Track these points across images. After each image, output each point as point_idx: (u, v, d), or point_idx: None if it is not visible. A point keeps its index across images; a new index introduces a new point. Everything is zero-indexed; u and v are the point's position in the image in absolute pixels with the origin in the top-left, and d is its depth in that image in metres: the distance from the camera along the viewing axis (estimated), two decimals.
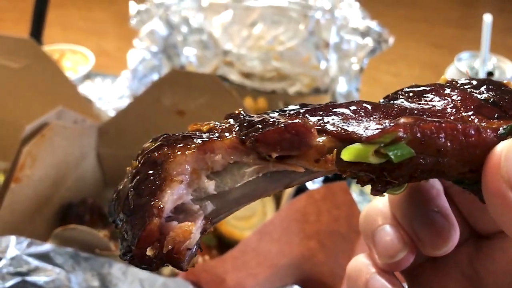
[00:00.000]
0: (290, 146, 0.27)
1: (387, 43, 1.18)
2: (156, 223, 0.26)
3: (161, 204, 0.26)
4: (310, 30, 1.21)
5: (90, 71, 1.31)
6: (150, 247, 0.26)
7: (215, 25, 1.25)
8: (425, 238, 0.33)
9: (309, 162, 0.27)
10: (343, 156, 0.27)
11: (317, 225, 0.65)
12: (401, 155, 0.27)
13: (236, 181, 0.28)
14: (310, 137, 0.27)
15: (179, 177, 0.27)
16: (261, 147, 0.27)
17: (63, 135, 0.83)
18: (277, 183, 0.28)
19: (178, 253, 0.26)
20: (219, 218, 0.29)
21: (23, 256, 0.61)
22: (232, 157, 0.28)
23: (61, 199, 0.88)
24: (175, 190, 0.26)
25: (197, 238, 0.27)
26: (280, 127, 0.27)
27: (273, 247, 0.63)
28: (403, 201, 0.34)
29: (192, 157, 0.27)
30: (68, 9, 3.80)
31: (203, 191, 0.27)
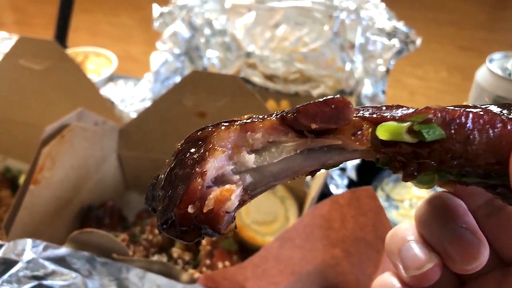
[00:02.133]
0: (329, 118, 0.29)
1: (414, 44, 1.14)
2: (199, 183, 0.28)
3: (204, 169, 0.28)
4: (335, 31, 1.18)
5: (113, 73, 1.31)
6: (191, 205, 0.27)
7: (238, 27, 1.23)
8: (455, 254, 0.33)
9: (346, 136, 0.29)
10: (378, 132, 0.29)
11: (342, 232, 0.62)
12: (433, 134, 0.28)
13: (274, 157, 0.29)
14: (348, 111, 0.29)
15: (222, 148, 0.29)
16: (301, 118, 0.29)
17: (83, 136, 0.82)
18: (313, 161, 0.30)
19: (217, 214, 0.27)
20: (257, 191, 0.30)
21: (40, 260, 0.59)
22: (271, 136, 0.29)
23: (82, 201, 0.88)
24: (218, 159, 0.28)
25: (236, 204, 0.28)
26: (320, 101, 0.29)
27: (295, 254, 0.61)
28: (430, 219, 0.34)
29: (234, 133, 0.29)
30: (95, 15, 3.85)
31: (243, 165, 0.29)
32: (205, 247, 0.79)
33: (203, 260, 0.77)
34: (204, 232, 0.28)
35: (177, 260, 0.79)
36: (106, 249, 0.60)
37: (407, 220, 0.98)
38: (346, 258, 0.64)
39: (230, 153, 0.29)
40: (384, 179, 1.07)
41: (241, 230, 0.84)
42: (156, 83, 1.21)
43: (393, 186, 1.06)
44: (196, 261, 0.79)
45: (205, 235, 0.29)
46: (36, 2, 3.91)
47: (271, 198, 0.90)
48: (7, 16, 3.65)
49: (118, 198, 0.97)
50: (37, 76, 0.95)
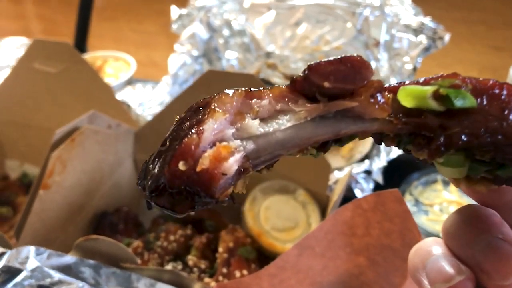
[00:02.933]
0: (344, 77, 0.25)
1: (442, 41, 1.08)
2: (195, 139, 0.24)
3: (201, 127, 0.25)
4: (359, 28, 1.13)
5: (131, 77, 1.29)
6: (183, 162, 0.24)
7: (257, 27, 1.19)
8: (490, 268, 0.29)
9: (364, 98, 0.26)
10: (399, 96, 0.25)
11: (366, 239, 0.57)
12: (462, 101, 0.25)
13: (281, 125, 0.26)
14: (366, 71, 0.26)
15: (223, 111, 0.26)
16: (313, 76, 0.26)
17: (95, 140, 0.79)
18: (325, 128, 0.26)
19: (212, 174, 0.24)
20: (260, 160, 0.27)
21: (45, 268, 0.56)
22: (279, 104, 0.26)
23: (95, 207, 0.85)
24: (218, 121, 0.25)
25: (234, 168, 0.25)
26: (335, 59, 0.25)
27: (315, 263, 0.56)
28: (460, 230, 0.31)
29: (238, 98, 0.26)
30: (119, 22, 3.89)
31: (246, 131, 0.26)
32: (221, 254, 0.75)
33: (220, 268, 0.73)
34: (197, 199, 0.25)
35: (192, 269, 0.75)
36: (113, 256, 0.57)
37: (438, 226, 0.92)
38: (371, 267, 0.58)
39: (232, 118, 0.26)
40: (412, 182, 1.01)
41: (260, 237, 0.80)
42: (175, 86, 1.18)
43: (422, 190, 1.00)
44: (212, 270, 0.75)
45: (198, 203, 0.25)
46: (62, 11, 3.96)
47: (291, 203, 0.85)
48: (35, 26, 3.72)
49: (135, 204, 0.94)
50: (52, 79, 0.94)
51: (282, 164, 0.86)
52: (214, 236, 0.80)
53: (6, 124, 1.04)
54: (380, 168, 0.91)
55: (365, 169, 0.89)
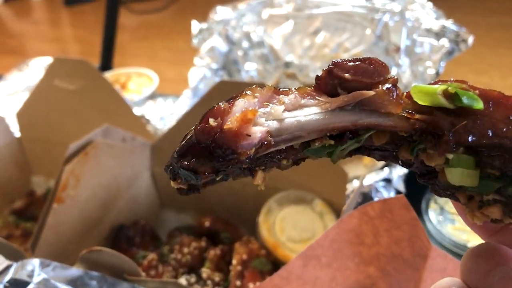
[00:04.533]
0: (364, 72, 0.28)
1: (466, 43, 1.04)
2: (225, 106, 0.27)
3: (232, 101, 0.28)
4: (378, 34, 1.11)
5: (154, 92, 1.30)
6: (213, 119, 0.27)
7: (276, 37, 1.19)
8: None
9: (380, 92, 0.28)
10: (412, 92, 0.28)
11: (375, 248, 0.54)
12: (471, 100, 0.27)
13: (303, 113, 0.29)
14: (384, 69, 0.29)
15: (253, 95, 0.28)
16: (336, 69, 0.29)
17: (109, 153, 0.79)
18: (343, 117, 0.29)
19: (238, 132, 0.27)
20: (281, 138, 0.29)
21: (51, 281, 0.57)
22: (303, 100, 0.29)
23: (113, 220, 0.85)
24: (248, 101, 0.28)
25: (258, 136, 0.27)
26: (357, 58, 0.29)
27: (322, 273, 0.54)
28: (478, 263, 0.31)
29: (268, 91, 0.29)
30: (153, 41, 3.97)
31: (272, 115, 0.28)
32: (235, 267, 0.74)
33: (233, 281, 0.72)
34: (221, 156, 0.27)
35: (206, 281, 0.74)
36: (117, 268, 0.56)
37: (465, 235, 0.88)
38: (383, 278, 0.56)
39: (261, 102, 0.29)
40: None
41: (275, 249, 0.78)
42: (195, 99, 1.19)
43: None
44: (226, 282, 0.74)
45: (221, 162, 0.28)
46: (98, 33, 4.09)
47: (308, 213, 0.83)
48: (72, 47, 3.84)
49: (153, 217, 0.95)
50: (71, 96, 0.96)
51: (299, 174, 0.84)
52: (229, 248, 0.79)
53: (32, 141, 1.06)
54: (401, 176, 0.88)
55: (384, 177, 0.87)
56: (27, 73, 1.36)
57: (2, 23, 3.80)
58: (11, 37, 3.53)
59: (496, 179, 0.28)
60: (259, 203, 0.85)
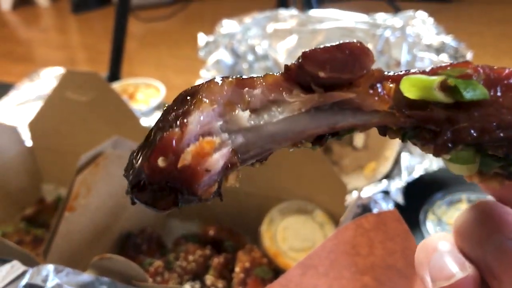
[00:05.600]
0: (342, 66, 0.24)
1: (464, 59, 1.07)
2: (177, 133, 0.23)
3: (186, 120, 0.23)
4: (380, 49, 1.14)
5: (161, 102, 1.34)
6: (163, 157, 0.23)
7: (280, 51, 1.22)
8: (500, 272, 0.27)
9: (362, 89, 0.24)
10: (402, 87, 0.24)
11: (370, 258, 0.57)
12: (473, 93, 0.23)
13: (273, 117, 0.25)
14: (366, 59, 0.24)
15: (211, 101, 0.24)
16: (307, 64, 0.24)
17: (119, 164, 0.83)
18: (321, 121, 0.25)
19: (194, 170, 0.23)
20: (249, 155, 0.25)
21: (64, 286, 0.60)
22: (273, 94, 0.25)
23: (121, 228, 0.89)
24: (204, 112, 0.24)
25: (220, 164, 0.24)
26: (332, 45, 0.24)
27: (320, 282, 0.57)
28: (471, 229, 0.29)
29: (229, 87, 0.24)
30: (160, 49, 4.02)
31: (235, 123, 0.24)
32: (238, 274, 0.77)
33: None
34: (180, 195, 0.24)
35: None
36: (126, 274, 0.60)
37: None
38: (378, 287, 0.59)
39: (221, 109, 0.24)
40: (436, 202, 1.00)
41: (277, 257, 0.82)
42: None
43: (446, 209, 0.99)
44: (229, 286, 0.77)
45: (181, 200, 0.24)
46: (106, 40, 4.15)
47: (309, 223, 0.86)
48: (79, 54, 3.89)
49: (160, 225, 0.98)
50: (82, 107, 0.99)
51: (301, 185, 0.87)
52: (233, 256, 0.83)
53: (43, 150, 1.10)
54: (399, 188, 0.91)
55: (383, 189, 0.90)
56: (38, 83, 1.40)
57: (10, 30, 3.86)
58: (19, 44, 3.58)
59: (497, 160, 0.25)
60: (262, 212, 0.88)
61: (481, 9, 3.62)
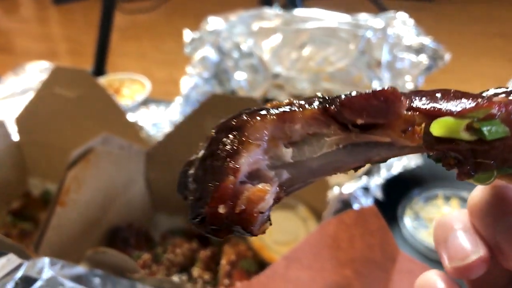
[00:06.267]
0: (377, 113, 0.26)
1: (443, 60, 1.12)
2: (231, 181, 0.25)
3: (237, 165, 0.26)
4: (361, 49, 1.18)
5: (146, 98, 1.36)
6: (223, 205, 0.25)
7: (265, 49, 1.25)
8: (510, 251, 0.29)
9: (395, 133, 0.26)
10: (432, 129, 0.26)
11: (350, 252, 0.61)
12: (495, 132, 0.25)
13: (314, 152, 0.27)
14: (399, 105, 0.26)
15: (257, 141, 0.26)
16: (346, 112, 0.26)
17: (108, 160, 0.85)
18: (357, 156, 0.27)
19: (250, 214, 0.25)
20: (294, 188, 0.28)
21: (58, 278, 0.62)
22: (311, 128, 0.27)
23: (110, 223, 0.91)
24: (252, 153, 0.26)
25: (270, 203, 0.26)
26: (368, 93, 0.26)
27: (303, 274, 0.61)
28: (484, 209, 0.31)
29: (271, 124, 0.26)
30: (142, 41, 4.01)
31: (280, 160, 0.27)
32: (224, 266, 0.80)
33: (222, 280, 0.78)
34: (236, 231, 0.26)
35: (197, 279, 0.80)
36: (119, 267, 0.62)
37: None
38: (358, 279, 0.63)
39: (266, 146, 0.26)
40: (413, 198, 1.05)
41: (262, 251, 0.85)
42: (187, 106, 1.25)
43: (423, 205, 1.04)
44: (215, 281, 0.81)
45: (237, 234, 0.27)
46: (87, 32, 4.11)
47: (293, 218, 0.90)
48: (60, 46, 3.86)
49: (147, 219, 1.00)
50: (70, 103, 1.01)
51: None
52: (219, 250, 0.86)
53: (30, 145, 1.11)
54: (378, 184, 0.95)
55: (363, 185, 0.93)
56: (23, 77, 1.40)
57: None
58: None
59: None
60: None
61: (462, 8, 3.70)
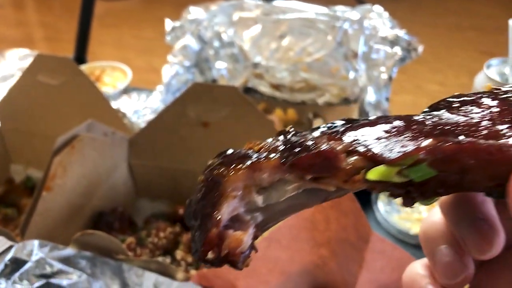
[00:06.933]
0: (321, 169, 0.31)
1: (416, 52, 1.16)
2: (214, 232, 0.32)
3: (218, 216, 0.32)
4: (338, 40, 1.22)
5: (128, 86, 1.37)
6: (211, 251, 0.32)
7: (245, 39, 1.28)
8: (471, 244, 0.34)
9: (339, 182, 0.31)
10: (369, 176, 0.30)
11: (327, 233, 0.65)
12: (422, 175, 0.29)
13: (280, 196, 0.32)
14: (337, 161, 0.30)
15: (233, 193, 0.32)
16: (296, 170, 0.31)
17: (93, 146, 0.87)
18: (316, 197, 0.33)
19: (234, 255, 0.32)
20: (268, 226, 0.34)
21: (47, 260, 0.65)
22: (276, 175, 0.32)
23: (93, 207, 0.93)
24: (230, 204, 0.32)
25: (249, 243, 0.32)
26: (312, 154, 0.31)
27: (283, 254, 0.64)
28: (451, 207, 0.36)
29: (243, 175, 0.32)
30: (120, 29, 3.97)
31: (253, 205, 0.32)
32: None
33: None
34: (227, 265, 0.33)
35: (180, 262, 0.83)
36: (107, 249, 0.65)
37: (408, 224, 1.00)
38: (333, 258, 0.67)
39: (241, 194, 0.32)
40: None
41: None
42: (168, 94, 1.27)
43: None
44: (198, 263, 0.84)
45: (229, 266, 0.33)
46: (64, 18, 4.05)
47: None
48: (37, 33, 3.80)
49: (130, 205, 1.03)
50: (53, 91, 1.02)
51: None
52: None
53: (12, 132, 1.12)
54: None
55: None
56: (2, 64, 1.40)
57: None
58: None
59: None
60: None
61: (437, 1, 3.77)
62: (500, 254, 0.34)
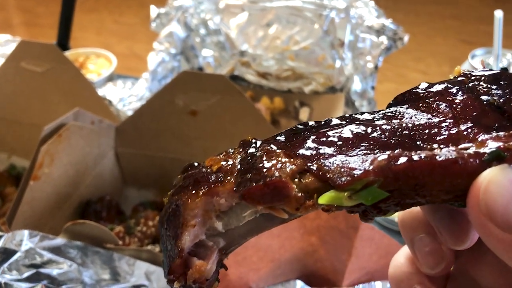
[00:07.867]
0: (272, 199, 0.30)
1: (402, 41, 1.17)
2: (177, 263, 0.32)
3: (179, 247, 0.31)
4: (325, 29, 1.22)
5: (112, 73, 1.36)
6: (176, 280, 0.32)
7: (232, 27, 1.27)
8: (446, 235, 0.34)
9: (291, 209, 0.30)
10: (320, 201, 0.29)
11: (316, 221, 0.66)
12: (372, 198, 0.28)
13: (239, 220, 0.32)
14: (287, 190, 0.30)
15: (193, 221, 0.32)
16: (248, 201, 0.31)
17: (80, 135, 0.86)
18: (273, 221, 0.32)
19: (200, 282, 0.32)
20: (231, 249, 0.34)
21: (37, 249, 0.64)
22: (234, 199, 0.32)
23: (81, 196, 0.93)
24: (191, 232, 0.32)
25: (213, 270, 0.32)
26: (262, 184, 0.30)
27: (273, 242, 0.65)
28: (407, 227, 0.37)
29: (201, 202, 0.32)
30: (101, 14, 3.91)
31: (214, 230, 0.32)
32: None
33: None
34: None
35: None
36: (97, 238, 0.65)
37: None
38: (323, 245, 0.68)
39: (201, 220, 0.32)
40: None
41: None
42: (153, 82, 1.26)
43: None
44: None
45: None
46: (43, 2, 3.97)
47: None
48: (15, 18, 3.72)
49: (117, 193, 1.02)
50: (38, 78, 1.01)
51: None
52: None
53: None
54: None
55: None
56: None
57: None
58: None
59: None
60: None
61: None
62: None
